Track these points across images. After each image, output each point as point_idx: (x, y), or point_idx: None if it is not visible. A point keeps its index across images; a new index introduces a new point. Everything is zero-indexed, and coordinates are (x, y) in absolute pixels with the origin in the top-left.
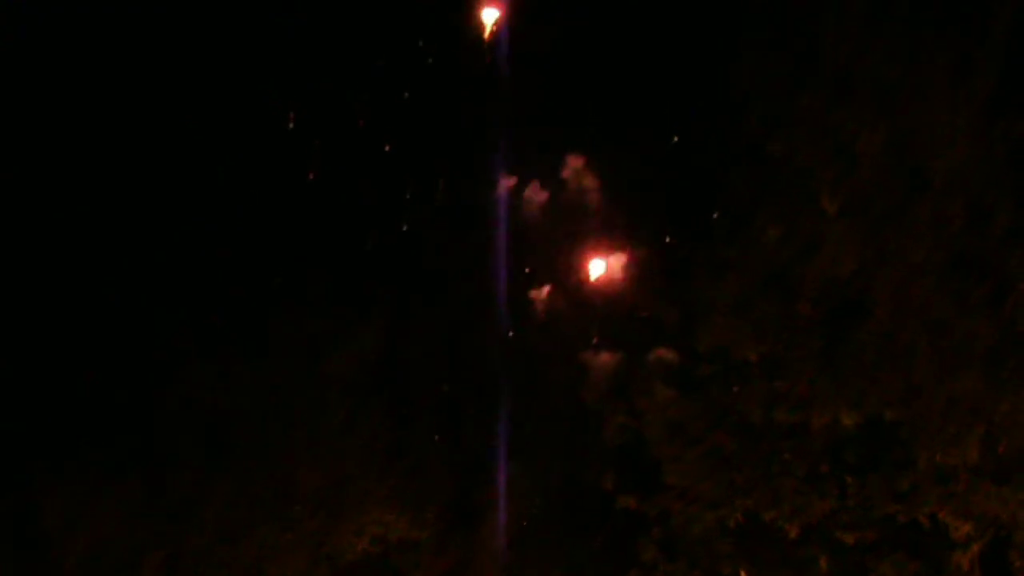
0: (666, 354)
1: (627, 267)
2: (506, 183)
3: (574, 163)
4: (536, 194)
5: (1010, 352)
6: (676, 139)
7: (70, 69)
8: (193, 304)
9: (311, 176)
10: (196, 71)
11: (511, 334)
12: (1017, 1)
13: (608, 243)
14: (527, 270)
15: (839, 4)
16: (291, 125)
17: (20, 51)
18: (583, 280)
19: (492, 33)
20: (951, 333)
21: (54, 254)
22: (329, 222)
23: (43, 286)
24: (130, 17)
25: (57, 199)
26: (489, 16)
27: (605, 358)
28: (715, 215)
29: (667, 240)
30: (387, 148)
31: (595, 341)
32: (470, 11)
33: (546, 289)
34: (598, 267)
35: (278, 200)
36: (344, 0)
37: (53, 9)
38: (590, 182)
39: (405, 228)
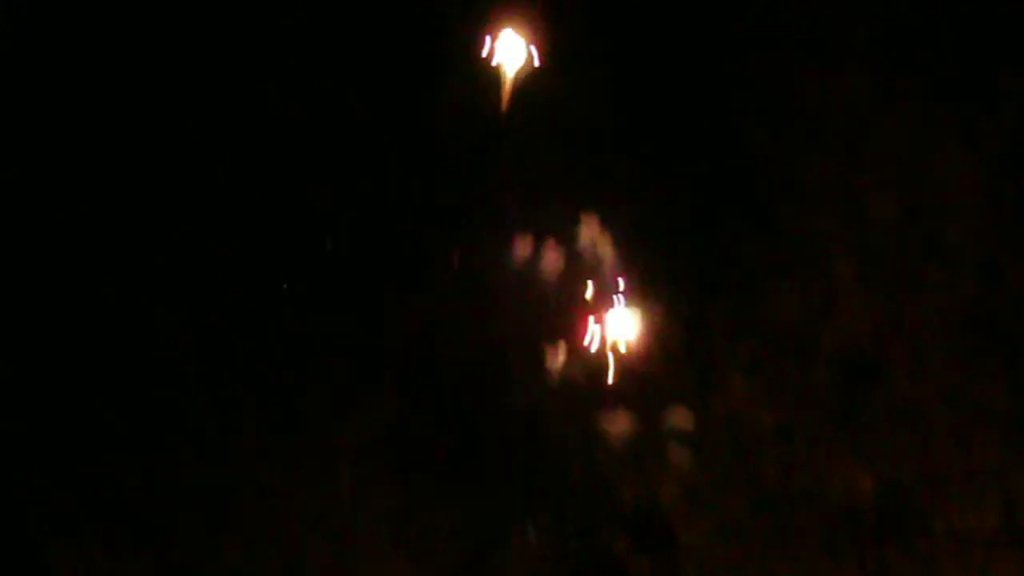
0: (681, 417)
1: (642, 329)
2: (520, 243)
3: (589, 223)
4: (551, 254)
5: None
6: (692, 202)
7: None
8: (203, 369)
9: (325, 243)
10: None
11: (525, 396)
12: None
13: (622, 305)
14: (540, 331)
15: (849, 72)
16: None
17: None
18: (597, 341)
19: (511, 84)
20: (967, 397)
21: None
22: (337, 287)
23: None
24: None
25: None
26: (507, 51)
27: (619, 420)
28: (729, 279)
29: (682, 303)
30: (394, 216)
31: (609, 403)
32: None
33: (560, 350)
34: (612, 329)
35: (282, 258)
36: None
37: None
38: (605, 243)
39: (415, 291)
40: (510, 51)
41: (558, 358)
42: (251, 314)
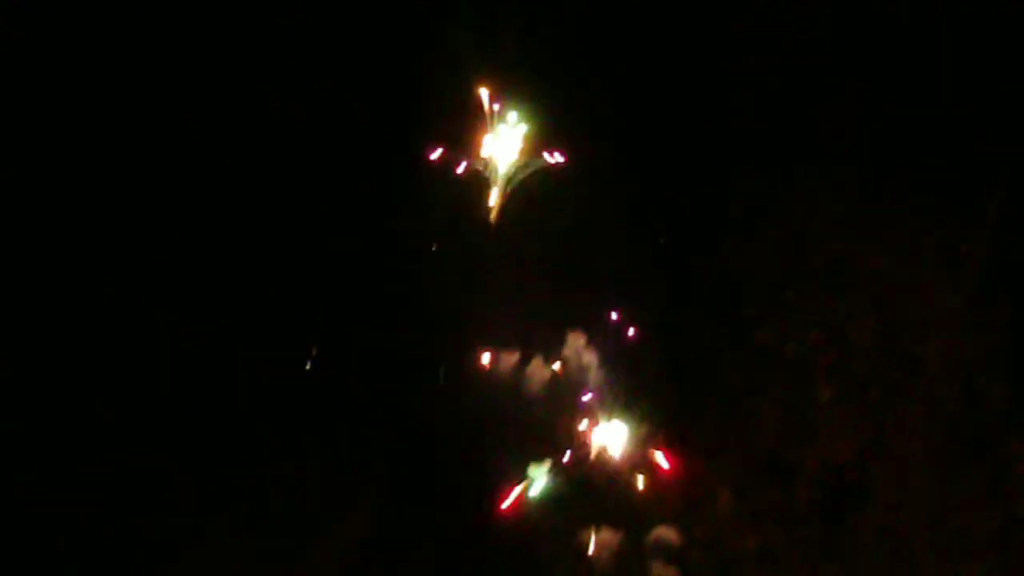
0: (666, 535)
1: (626, 448)
2: (507, 359)
3: (575, 340)
4: (537, 371)
5: (1010, 538)
6: (676, 324)
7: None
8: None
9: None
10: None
11: (509, 510)
12: (1004, 190)
13: (607, 422)
14: (526, 446)
15: (830, 196)
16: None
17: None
18: (583, 457)
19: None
20: (951, 518)
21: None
22: (323, 400)
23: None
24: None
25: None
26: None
27: (605, 536)
28: (712, 399)
29: (666, 423)
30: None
31: (595, 520)
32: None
33: (547, 465)
34: (598, 444)
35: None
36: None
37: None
38: (592, 363)
39: (401, 404)
40: (501, 150)
41: (544, 473)
42: (237, 411)
